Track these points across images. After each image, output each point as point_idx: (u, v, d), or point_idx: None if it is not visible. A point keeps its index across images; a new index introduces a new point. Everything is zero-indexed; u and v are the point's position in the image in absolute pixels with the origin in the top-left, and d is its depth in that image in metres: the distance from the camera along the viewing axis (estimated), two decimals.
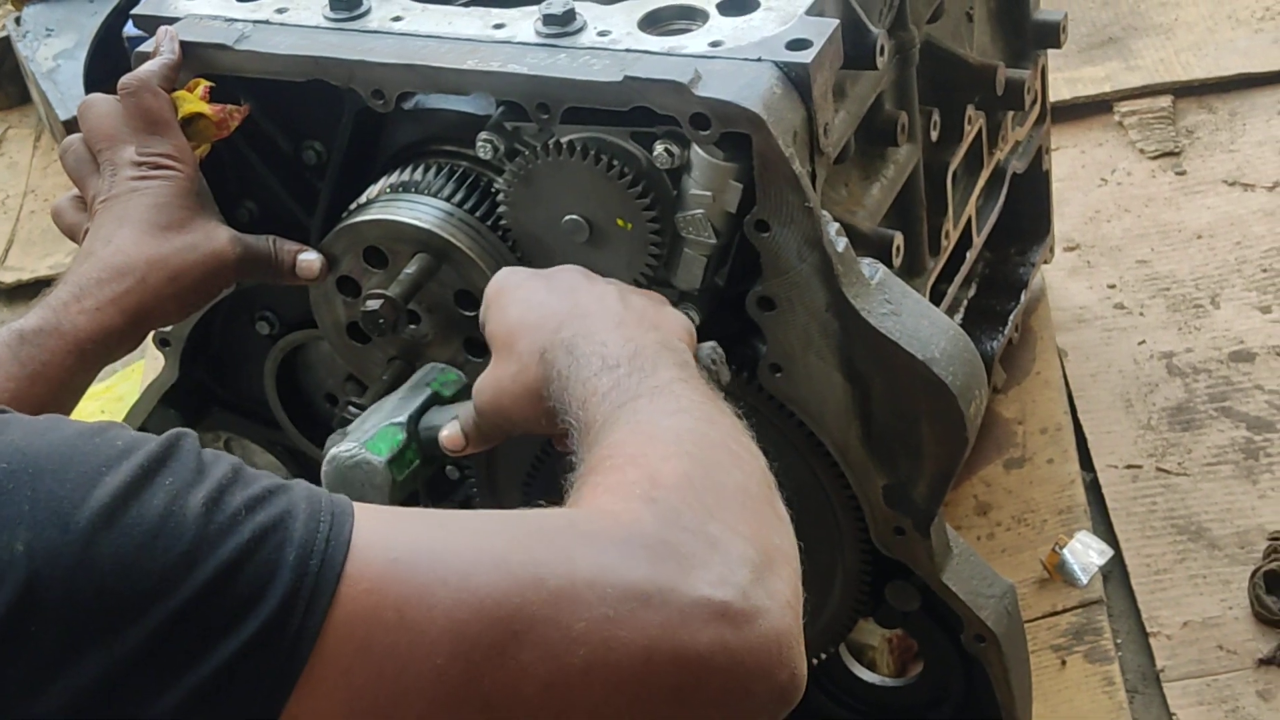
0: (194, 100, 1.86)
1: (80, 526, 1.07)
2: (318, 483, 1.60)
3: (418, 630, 1.11)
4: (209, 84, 1.87)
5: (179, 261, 1.78)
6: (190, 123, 1.86)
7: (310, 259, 1.87)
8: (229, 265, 1.82)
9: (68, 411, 1.69)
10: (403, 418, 1.75)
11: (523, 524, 1.21)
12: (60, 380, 1.70)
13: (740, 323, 1.84)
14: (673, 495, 1.24)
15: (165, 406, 2.17)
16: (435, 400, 1.80)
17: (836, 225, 1.78)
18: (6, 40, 3.73)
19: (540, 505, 1.51)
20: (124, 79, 1.83)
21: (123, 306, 1.73)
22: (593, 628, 1.12)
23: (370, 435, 1.73)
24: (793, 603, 1.22)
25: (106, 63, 3.53)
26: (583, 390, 1.43)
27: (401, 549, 1.14)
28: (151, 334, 2.00)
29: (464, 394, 1.79)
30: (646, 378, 1.42)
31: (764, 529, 1.27)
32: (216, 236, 1.81)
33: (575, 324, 1.52)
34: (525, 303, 1.59)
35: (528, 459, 2.01)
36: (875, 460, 1.88)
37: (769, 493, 1.33)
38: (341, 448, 1.72)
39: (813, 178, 1.76)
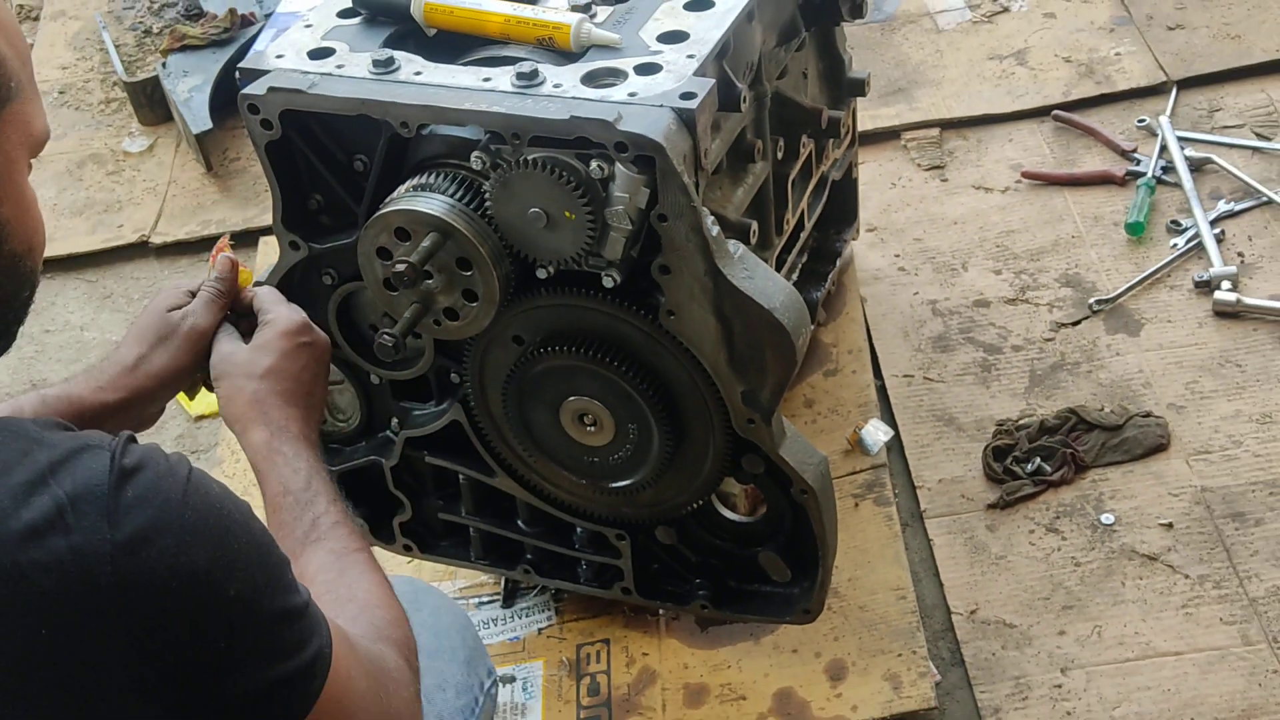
0: (247, 274, 1.83)
1: (265, 612, 1.19)
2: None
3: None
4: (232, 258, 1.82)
5: (156, 386, 1.71)
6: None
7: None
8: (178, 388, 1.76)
9: None
10: None
11: (385, 665, 1.37)
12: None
13: (647, 281, 1.83)
14: (406, 650, 1.42)
15: None
16: None
17: (712, 217, 1.77)
18: (156, 78, 3.66)
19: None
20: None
21: (112, 402, 1.66)
22: None
23: None
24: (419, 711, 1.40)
25: (223, 95, 3.47)
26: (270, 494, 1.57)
27: (358, 671, 1.30)
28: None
29: None
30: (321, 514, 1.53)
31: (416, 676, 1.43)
32: (183, 375, 1.74)
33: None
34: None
35: (505, 369, 2.00)
36: (735, 374, 1.87)
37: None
38: None
39: (696, 186, 1.75)
